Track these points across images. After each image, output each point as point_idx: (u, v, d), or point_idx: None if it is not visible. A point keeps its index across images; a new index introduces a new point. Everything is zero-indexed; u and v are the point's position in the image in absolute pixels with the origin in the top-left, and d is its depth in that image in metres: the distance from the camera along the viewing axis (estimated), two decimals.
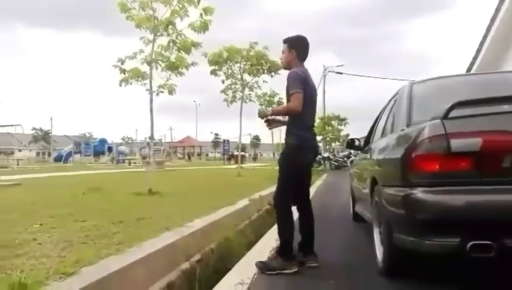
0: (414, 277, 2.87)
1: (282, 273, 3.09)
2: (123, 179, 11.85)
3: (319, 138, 28.97)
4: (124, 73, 7.25)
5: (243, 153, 31.90)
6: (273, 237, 3.94)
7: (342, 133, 33.01)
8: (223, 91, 13.48)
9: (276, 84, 14.24)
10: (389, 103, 4.03)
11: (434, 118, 2.46)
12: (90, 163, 34.73)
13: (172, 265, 3.27)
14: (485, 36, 8.82)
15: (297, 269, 3.14)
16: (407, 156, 2.55)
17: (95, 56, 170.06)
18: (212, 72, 12.67)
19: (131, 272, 2.74)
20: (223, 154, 43.59)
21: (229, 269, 3.40)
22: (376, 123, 4.56)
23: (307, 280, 3.05)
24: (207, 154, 72.62)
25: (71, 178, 12.50)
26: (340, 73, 31.89)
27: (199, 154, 61.49)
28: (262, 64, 13.04)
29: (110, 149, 40.31)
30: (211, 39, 8.44)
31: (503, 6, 7.42)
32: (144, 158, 28.65)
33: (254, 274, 3.09)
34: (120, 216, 4.38)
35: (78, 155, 43.50)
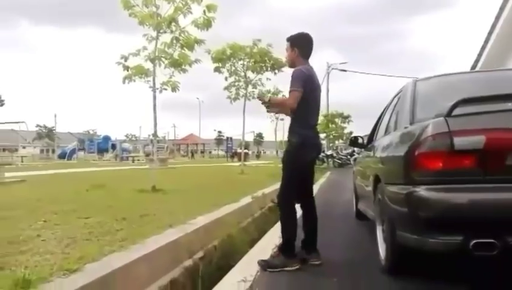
0: (417, 275, 2.87)
1: (284, 270, 3.10)
2: (126, 176, 11.88)
3: (323, 136, 28.93)
4: (128, 70, 7.28)
5: (246, 151, 31.84)
6: (276, 235, 3.95)
7: (346, 130, 32.95)
8: (226, 88, 13.48)
9: (279, 81, 14.25)
10: (393, 101, 4.02)
11: (437, 116, 2.46)
12: (94, 160, 34.80)
13: (175, 262, 3.28)
14: (490, 33, 8.78)
15: (299, 267, 3.15)
16: (410, 154, 2.55)
17: (99, 53, 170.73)
18: (215, 70, 12.67)
19: (134, 269, 2.75)
20: (226, 151, 43.64)
21: (232, 266, 3.41)
22: (379, 121, 4.55)
23: (310, 278, 3.05)
24: (210, 151, 72.62)
25: (75, 175, 12.53)
26: (344, 70, 31.78)
27: (202, 151, 61.50)
28: (265, 61, 13.02)
29: (114, 146, 40.32)
30: (214, 36, 8.44)
31: (508, 4, 7.38)
32: (148, 155, 28.65)
33: (257, 271, 3.10)
34: (123, 213, 4.40)
35: (82, 152, 43.57)
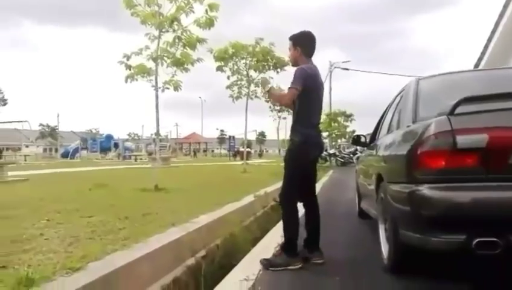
0: (420, 274, 2.86)
1: (286, 269, 3.10)
2: (129, 175, 11.91)
3: (325, 134, 28.88)
4: (130, 69, 7.29)
5: (249, 150, 31.89)
6: (278, 233, 3.95)
7: (348, 129, 32.89)
8: (229, 87, 13.47)
9: (282, 80, 14.20)
10: (395, 99, 4.01)
11: (440, 114, 2.45)
12: (96, 159, 34.92)
13: (177, 261, 3.29)
14: (493, 31, 8.74)
15: (301, 266, 3.15)
16: (412, 153, 2.54)
17: (101, 52, 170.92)
18: (218, 68, 12.66)
19: (137, 268, 2.76)
20: (229, 150, 43.66)
21: (234, 265, 3.41)
22: (382, 119, 4.54)
23: (312, 276, 3.05)
24: (213, 150, 72.66)
25: (78, 174, 12.57)
26: (346, 69, 31.71)
27: (205, 150, 61.56)
28: (268, 60, 13.00)
29: (117, 145, 40.47)
30: (217, 35, 8.44)
31: (511, 2, 7.34)
32: (150, 154, 28.73)
33: (259, 270, 3.10)
34: (126, 212, 4.41)
35: (85, 151, 43.72)
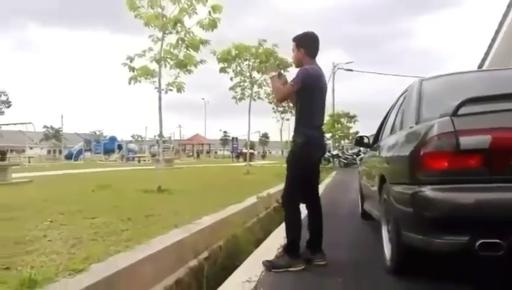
0: (422, 276, 2.85)
1: (288, 271, 3.09)
2: (132, 177, 11.93)
3: (328, 136, 28.84)
4: (133, 71, 7.31)
5: (252, 151, 31.88)
6: (281, 235, 3.94)
7: (352, 130, 32.79)
8: (232, 88, 13.50)
9: None
10: (399, 100, 4.00)
11: (443, 115, 2.44)
12: (100, 161, 35.04)
13: (180, 262, 3.29)
14: (497, 32, 8.70)
15: (304, 267, 3.15)
16: (415, 154, 2.53)
17: (105, 54, 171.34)
18: (221, 70, 12.69)
19: (139, 269, 2.76)
20: (232, 152, 43.64)
21: (237, 267, 3.41)
22: (385, 120, 4.53)
23: (315, 278, 3.04)
24: (216, 152, 72.69)
25: (81, 175, 12.61)
26: (349, 70, 31.64)
27: (208, 152, 61.59)
28: (271, 61, 13.01)
29: (120, 147, 40.54)
30: (220, 36, 8.46)
31: None
32: (153, 156, 28.79)
33: (262, 272, 3.09)
34: (129, 213, 4.42)
35: (89, 153, 43.84)
